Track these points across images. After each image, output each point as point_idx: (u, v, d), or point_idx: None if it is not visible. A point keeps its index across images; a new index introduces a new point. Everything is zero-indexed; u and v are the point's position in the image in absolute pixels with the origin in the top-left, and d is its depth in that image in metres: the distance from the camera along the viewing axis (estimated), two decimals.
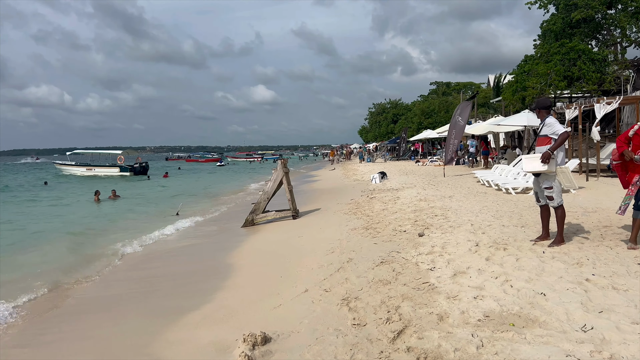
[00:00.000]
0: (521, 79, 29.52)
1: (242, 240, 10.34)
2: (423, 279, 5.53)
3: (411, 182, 18.47)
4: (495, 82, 54.26)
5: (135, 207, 19.09)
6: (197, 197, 20.83)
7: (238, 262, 8.32)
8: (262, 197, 12.63)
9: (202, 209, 17.26)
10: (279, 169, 12.57)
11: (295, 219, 12.48)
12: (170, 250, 10.27)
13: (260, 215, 12.51)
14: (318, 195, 18.76)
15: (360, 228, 9.56)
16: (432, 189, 15.33)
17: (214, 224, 13.60)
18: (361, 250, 7.51)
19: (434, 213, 10.09)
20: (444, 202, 11.58)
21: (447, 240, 7.40)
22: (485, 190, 14.17)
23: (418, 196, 13.26)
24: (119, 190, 24.48)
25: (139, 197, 23.81)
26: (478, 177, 16.89)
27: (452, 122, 20.61)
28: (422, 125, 51.28)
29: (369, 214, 11.22)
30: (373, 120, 72.41)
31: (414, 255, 6.68)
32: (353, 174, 28.12)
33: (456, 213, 9.83)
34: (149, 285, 7.44)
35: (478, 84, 75.73)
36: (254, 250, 9.19)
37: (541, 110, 6.70)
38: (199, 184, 34.41)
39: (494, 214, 9.52)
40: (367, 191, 16.92)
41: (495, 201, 11.57)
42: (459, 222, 8.72)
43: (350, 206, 13.26)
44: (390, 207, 11.95)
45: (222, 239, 11.08)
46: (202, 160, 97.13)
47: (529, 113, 20.96)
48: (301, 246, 8.74)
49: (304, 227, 11.05)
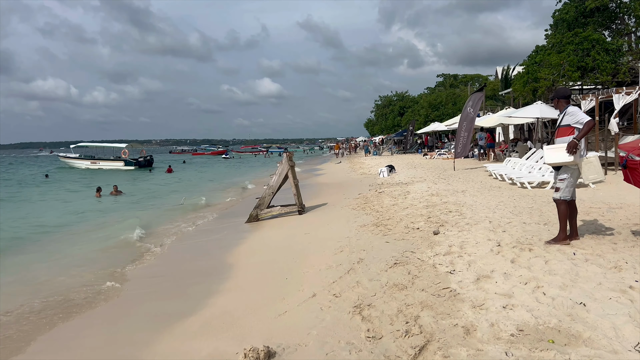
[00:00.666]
0: (532, 70, 28.79)
1: (246, 237, 9.85)
2: (443, 283, 5.02)
3: (420, 175, 17.92)
4: (503, 74, 53.44)
5: (136, 203, 18.65)
6: (200, 192, 20.37)
7: (240, 261, 7.84)
8: (266, 191, 12.13)
9: (205, 203, 16.80)
10: (284, 163, 12.06)
11: (301, 215, 11.98)
12: (169, 247, 9.80)
13: (264, 210, 12.02)
14: (324, 189, 18.25)
15: (370, 225, 9.04)
16: (443, 183, 14.78)
17: (217, 219, 13.13)
18: (372, 250, 7.00)
19: (448, 209, 9.55)
20: (457, 197, 11.04)
21: (465, 239, 6.87)
22: (499, 185, 13.60)
23: (429, 190, 12.72)
24: (122, 186, 24.09)
25: (141, 192, 23.39)
26: (490, 170, 16.32)
27: (463, 113, 20.00)
28: (429, 117, 50.53)
29: (378, 210, 10.71)
30: (379, 113, 71.60)
31: (431, 256, 6.16)
32: (360, 168, 27.58)
33: (471, 209, 9.29)
34: (145, 286, 6.97)
35: (485, 76, 74.82)
36: (258, 249, 8.70)
37: (560, 100, 6.20)
38: (204, 177, 33.99)
39: (512, 209, 8.97)
40: (375, 185, 16.39)
41: (511, 196, 11.01)
42: (476, 219, 8.19)
43: (358, 201, 12.74)
44: (401, 202, 11.43)
45: (224, 235, 10.60)
46: (208, 152, 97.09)
47: (541, 104, 20.29)
48: (308, 244, 8.24)
49: (311, 224, 10.55)
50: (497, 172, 15.24)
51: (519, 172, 14.44)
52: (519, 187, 12.81)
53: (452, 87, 68.90)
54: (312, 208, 12.84)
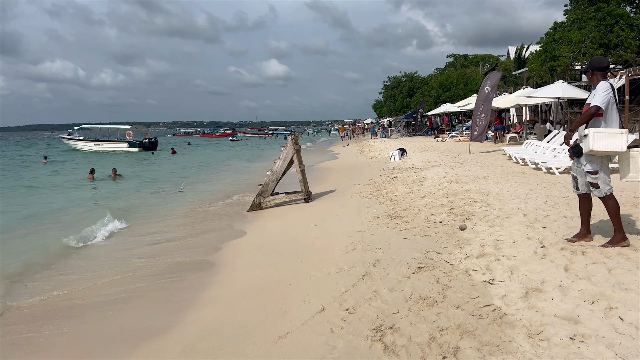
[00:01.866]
0: (550, 48, 27.43)
1: (246, 229, 8.90)
2: (482, 298, 4.05)
3: (434, 160, 16.86)
4: (516, 54, 51.85)
5: (134, 187, 17.75)
6: (201, 176, 19.42)
7: (237, 259, 6.90)
8: (270, 177, 11.16)
9: (205, 188, 15.87)
10: (289, 146, 11.06)
11: (307, 203, 11.02)
12: (157, 240, 8.82)
13: (268, 198, 11.07)
14: (332, 174, 17.27)
15: (384, 216, 8.06)
16: (461, 168, 13.73)
17: (217, 206, 12.19)
18: (389, 248, 6.03)
19: (472, 198, 8.53)
20: (479, 185, 10.01)
21: (498, 236, 5.87)
22: (522, 170, 12.54)
23: (447, 177, 11.69)
24: (123, 168, 23.24)
25: (142, 176, 22.51)
26: (510, 154, 15.23)
27: (481, 94, 18.81)
28: (440, 99, 49.09)
29: (392, 198, 9.71)
30: (388, 94, 69.91)
31: (461, 259, 5.18)
32: (369, 151, 26.51)
33: (499, 198, 8.27)
34: (118, 290, 6.02)
35: (496, 57, 72.99)
36: (257, 243, 7.75)
37: (595, 73, 5.17)
38: (207, 160, 33.07)
39: (545, 199, 7.94)
40: (386, 170, 15.37)
41: (539, 183, 9.97)
42: (507, 211, 7.17)
43: (369, 188, 11.75)
44: (417, 189, 10.42)
45: (222, 226, 9.66)
46: (215, 135, 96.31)
47: (563, 84, 19.08)
48: (315, 239, 7.28)
49: (318, 214, 9.59)
50: (518, 156, 14.15)
51: (544, 156, 13.35)
52: (545, 172, 11.75)
53: (463, 67, 67.20)
54: (319, 195, 11.87)
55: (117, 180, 20.95)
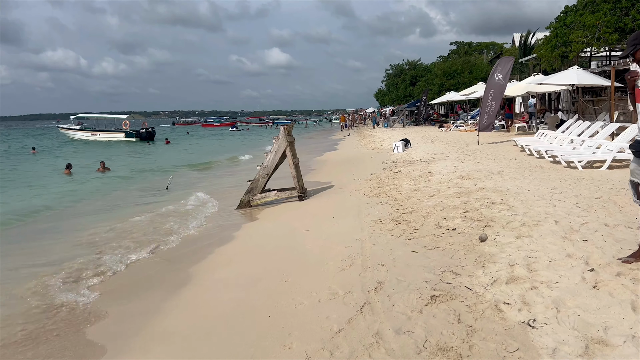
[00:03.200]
0: (562, 33, 26.16)
1: (230, 234, 7.77)
2: (524, 352, 2.95)
3: (440, 151, 15.71)
4: (522, 41, 50.40)
5: (117, 182, 16.62)
6: (192, 169, 18.28)
7: (214, 274, 5.80)
8: (260, 172, 10.05)
9: (194, 183, 14.75)
10: (281, 138, 9.93)
11: (302, 201, 9.92)
12: (127, 246, 7.66)
13: (258, 195, 9.97)
14: (331, 167, 16.14)
15: (387, 220, 6.96)
16: (470, 161, 12.58)
17: (202, 203, 11.08)
18: (394, 264, 4.93)
19: (488, 198, 7.41)
20: (495, 182, 8.87)
21: (529, 251, 4.76)
22: (539, 163, 11.39)
23: (456, 171, 10.55)
24: (116, 160, 22.21)
25: (130, 168, 21.40)
26: (523, 145, 14.07)
27: (490, 81, 17.60)
28: (443, 87, 47.77)
29: (396, 197, 8.60)
30: (390, 83, 68.47)
31: (486, 285, 4.08)
32: (370, 142, 25.34)
33: (520, 200, 7.14)
34: (56, 319, 4.92)
35: (501, 44, 71.37)
36: (237, 252, 6.64)
37: None
38: (202, 151, 31.94)
39: (576, 201, 6.81)
40: (389, 163, 14.23)
41: (562, 179, 8.84)
42: (534, 216, 6.05)
43: (370, 184, 10.63)
44: (424, 186, 9.30)
45: (205, 227, 8.54)
46: (217, 124, 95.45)
47: (578, 70, 17.85)
48: (306, 249, 6.18)
49: (312, 215, 8.49)
50: (533, 148, 13.00)
51: (562, 148, 12.21)
52: (565, 166, 10.62)
53: (467, 54, 65.69)
54: (315, 192, 10.76)
55: (105, 173, 19.91)
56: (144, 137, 45.77)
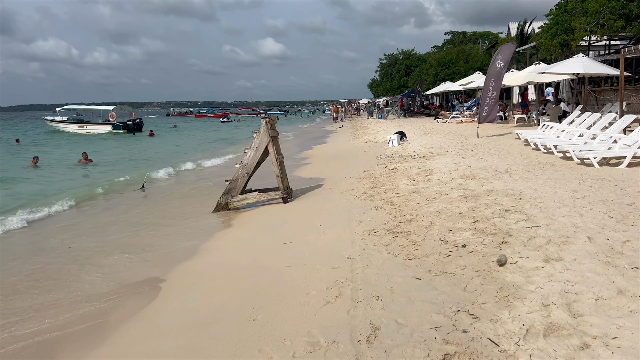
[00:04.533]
0: (562, 20, 25.10)
1: (196, 246, 6.66)
2: None
3: (439, 145, 14.64)
4: (518, 30, 49.34)
5: (90, 176, 15.43)
6: (173, 163, 17.08)
7: (164, 305, 4.71)
8: (239, 171, 8.93)
9: (172, 181, 13.60)
10: (262, 132, 8.81)
11: (286, 203, 8.83)
12: (73, 256, 6.54)
13: (237, 197, 8.87)
14: (321, 162, 15.04)
15: (382, 230, 5.91)
16: (472, 156, 11.53)
17: (175, 204, 9.96)
18: (392, 297, 3.89)
19: (500, 204, 6.35)
20: (504, 182, 7.82)
21: (566, 283, 3.71)
22: (549, 160, 10.37)
23: (459, 169, 9.49)
24: (100, 152, 21.02)
25: (112, 161, 20.21)
26: (528, 139, 13.03)
27: (491, 69, 16.52)
28: (438, 77, 46.64)
29: (392, 200, 7.54)
30: (384, 73, 67.06)
31: (516, 337, 3.03)
32: (364, 134, 24.23)
33: (538, 206, 6.08)
34: None
35: (496, 34, 70.26)
36: (200, 272, 5.53)
37: None
38: (186, 143, 30.64)
39: (606, 209, 5.76)
40: (384, 158, 13.16)
41: (580, 179, 7.82)
42: (559, 230, 5.00)
43: (364, 183, 9.57)
44: (423, 187, 8.24)
45: (171, 235, 7.41)
46: (211, 115, 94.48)
47: (584, 58, 16.82)
48: (284, 270, 5.10)
49: (296, 221, 7.41)
50: (540, 142, 11.96)
51: (571, 142, 11.19)
52: (578, 163, 9.61)
53: (462, 44, 64.52)
54: (301, 192, 9.68)
55: (87, 165, 18.89)
56: (131, 129, 44.52)
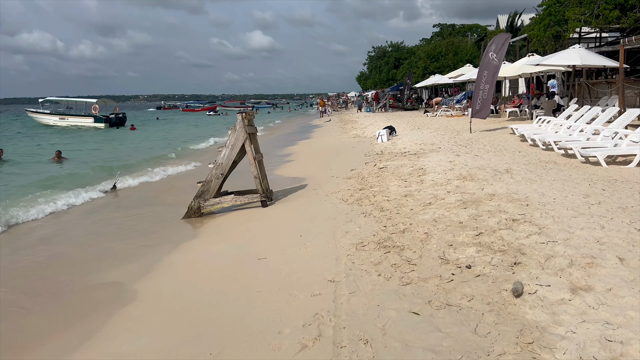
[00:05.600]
0: (555, 11, 24.47)
1: (158, 259, 5.77)
2: None
3: (430, 141, 13.85)
4: (508, 22, 48.74)
5: (55, 176, 14.39)
6: (149, 160, 16.11)
7: (101, 346, 3.86)
8: (213, 172, 8.06)
9: (144, 180, 12.64)
10: (238, 129, 7.93)
11: (265, 207, 7.98)
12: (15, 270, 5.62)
13: (210, 200, 8.00)
14: (306, 159, 14.19)
15: (371, 243, 5.10)
16: (467, 154, 10.75)
17: (142, 209, 9.07)
18: (384, 342, 3.08)
19: (506, 211, 5.56)
20: (506, 184, 7.03)
21: (604, 326, 2.93)
22: (551, 158, 9.63)
23: (454, 168, 8.70)
24: (74, 146, 19.98)
25: (86, 159, 19.16)
26: (525, 135, 12.29)
27: (484, 61, 15.74)
28: (427, 70, 45.89)
29: (382, 205, 6.74)
30: (373, 66, 66.24)
31: None
32: (352, 128, 23.39)
33: (549, 214, 5.30)
34: None
35: (484, 26, 69.74)
36: (161, 295, 4.67)
37: None
38: (167, 138, 29.56)
39: (629, 218, 4.98)
40: (372, 155, 12.35)
41: (590, 180, 7.07)
42: (581, 247, 4.22)
43: (351, 183, 8.75)
44: (416, 189, 7.44)
45: (127, 248, 6.52)
46: (198, 109, 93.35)
47: (580, 49, 16.12)
48: (254, 297, 4.26)
49: (275, 230, 6.56)
50: (539, 138, 11.21)
51: (574, 139, 10.46)
52: (583, 161, 8.88)
53: (451, 36, 63.86)
54: (283, 194, 8.84)
55: (61, 163, 17.89)
56: (114, 123, 43.32)
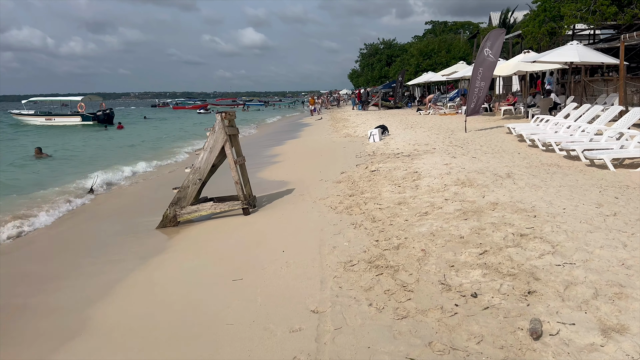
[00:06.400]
0: (550, 7, 24.02)
1: (120, 279, 5.11)
2: None
3: (424, 141, 13.26)
4: (501, 19, 48.35)
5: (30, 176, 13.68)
6: (131, 161, 15.39)
7: None
8: (190, 177, 7.40)
9: (123, 184, 11.96)
10: (218, 130, 7.27)
11: (247, 215, 7.34)
12: None
13: (188, 208, 7.34)
14: (294, 160, 13.55)
15: (362, 262, 4.50)
16: (464, 155, 10.17)
17: (114, 216, 8.40)
18: None
19: (511, 224, 4.96)
20: (509, 191, 6.44)
21: None
22: (553, 160, 9.07)
23: (451, 172, 8.10)
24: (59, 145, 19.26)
25: (71, 157, 18.44)
26: (524, 135, 11.73)
27: (479, 58, 15.18)
28: (420, 67, 45.36)
29: (374, 214, 6.13)
30: (365, 63, 65.57)
31: None
32: (343, 127, 22.77)
33: (561, 227, 4.71)
34: None
35: (476, 24, 69.43)
36: (114, 329, 4.01)
37: None
38: (154, 137, 28.77)
39: None
40: (364, 156, 11.75)
41: (600, 187, 6.51)
42: (603, 271, 3.63)
43: (341, 188, 8.14)
44: (410, 195, 6.84)
45: (87, 264, 5.85)
46: (189, 107, 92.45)
47: (578, 45, 15.59)
48: (224, 331, 3.63)
49: (255, 244, 5.91)
50: (539, 138, 10.66)
51: (577, 140, 9.91)
52: (588, 164, 8.33)
53: (443, 33, 63.41)
54: (268, 199, 8.21)
55: (42, 160, 17.35)
56: (102, 120, 42.46)
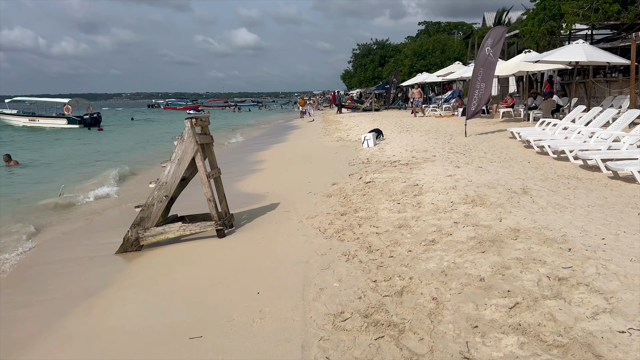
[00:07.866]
0: (550, 5, 23.17)
1: (50, 325, 4.06)
2: None
3: (422, 147, 12.25)
4: (496, 19, 47.69)
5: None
6: (104, 169, 14.26)
7: None
8: (154, 194, 6.33)
9: (91, 197, 10.84)
10: (187, 139, 6.21)
11: (222, 237, 6.29)
12: None
13: (152, 230, 6.28)
14: (280, 167, 12.48)
15: (356, 316, 3.48)
16: (468, 164, 9.17)
17: (70, 237, 7.34)
18: None
19: (544, 263, 3.95)
20: (530, 213, 5.43)
21: None
22: (569, 171, 8.09)
23: (456, 186, 7.09)
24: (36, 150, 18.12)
25: (43, 164, 17.32)
26: (530, 141, 10.77)
27: (479, 58, 14.21)
28: (414, 68, 44.45)
29: (370, 241, 5.11)
30: (358, 64, 64.64)
31: None
32: (336, 129, 21.75)
33: (606, 267, 3.72)
34: None
35: (470, 24, 68.80)
36: None
37: None
38: (134, 140, 27.61)
39: None
40: (358, 164, 10.72)
41: (632, 205, 5.53)
42: None
43: (331, 204, 7.11)
44: (412, 216, 5.82)
45: (29, 303, 4.79)
46: (180, 107, 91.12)
47: (584, 44, 14.70)
48: None
49: (225, 280, 4.86)
50: (550, 145, 9.68)
51: (593, 148, 8.96)
52: (611, 176, 7.37)
53: (437, 33, 62.63)
54: (248, 216, 7.15)
55: (10, 168, 16.10)
56: (88, 124, 41.18)
